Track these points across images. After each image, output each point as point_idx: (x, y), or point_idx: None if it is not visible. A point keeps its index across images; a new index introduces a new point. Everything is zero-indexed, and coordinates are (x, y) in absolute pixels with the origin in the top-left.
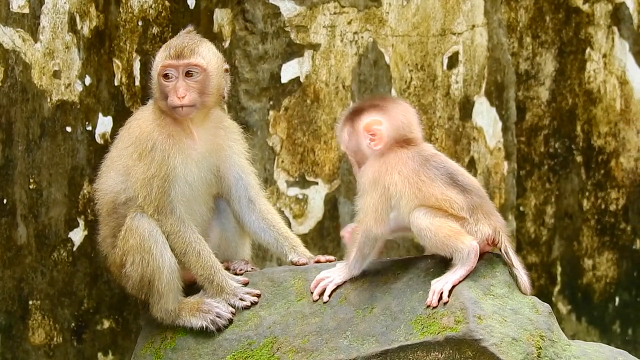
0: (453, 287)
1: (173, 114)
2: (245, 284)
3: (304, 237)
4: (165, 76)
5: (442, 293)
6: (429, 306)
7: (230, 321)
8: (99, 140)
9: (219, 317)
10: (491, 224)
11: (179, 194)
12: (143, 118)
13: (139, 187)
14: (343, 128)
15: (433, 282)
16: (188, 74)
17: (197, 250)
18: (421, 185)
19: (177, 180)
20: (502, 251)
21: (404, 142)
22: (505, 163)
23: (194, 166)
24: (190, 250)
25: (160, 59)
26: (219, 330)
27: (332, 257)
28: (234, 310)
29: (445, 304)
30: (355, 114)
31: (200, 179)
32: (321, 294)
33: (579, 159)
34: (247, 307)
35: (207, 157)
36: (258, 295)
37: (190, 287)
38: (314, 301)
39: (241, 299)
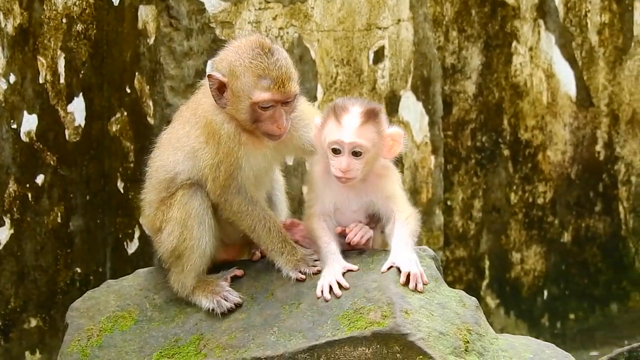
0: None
1: (258, 134)
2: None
3: None
4: (263, 107)
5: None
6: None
7: (237, 306)
8: (24, 138)
9: (225, 299)
10: None
11: (245, 179)
12: (210, 111)
13: (207, 171)
14: (367, 125)
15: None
16: (285, 104)
17: (267, 227)
18: None
19: (244, 167)
20: None
21: None
22: (432, 157)
23: (261, 158)
24: (260, 227)
25: (259, 88)
26: (224, 313)
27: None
28: (241, 296)
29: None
30: (377, 116)
31: (266, 168)
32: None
33: (506, 152)
34: (316, 273)
35: (276, 149)
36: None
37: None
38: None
39: (313, 266)
